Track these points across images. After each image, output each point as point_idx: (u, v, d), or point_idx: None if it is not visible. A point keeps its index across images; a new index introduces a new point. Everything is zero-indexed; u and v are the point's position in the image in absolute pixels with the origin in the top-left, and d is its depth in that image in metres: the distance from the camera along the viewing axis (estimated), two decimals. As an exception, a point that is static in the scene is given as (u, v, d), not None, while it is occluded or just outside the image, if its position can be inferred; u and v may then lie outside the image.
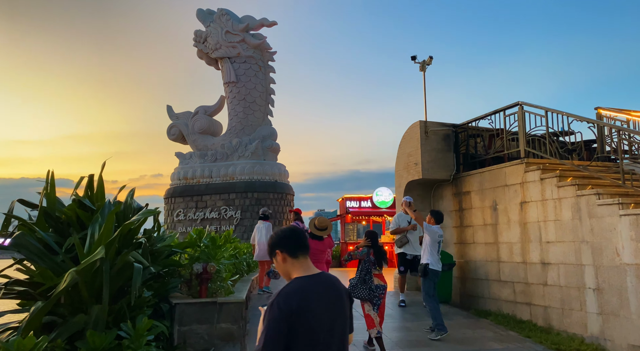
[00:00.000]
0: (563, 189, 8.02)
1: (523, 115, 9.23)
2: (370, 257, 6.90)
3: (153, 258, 6.19)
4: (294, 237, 2.45)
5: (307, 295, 2.22)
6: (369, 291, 6.71)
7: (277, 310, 2.14)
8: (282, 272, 2.44)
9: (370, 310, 6.74)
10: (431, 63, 11.72)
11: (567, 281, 7.89)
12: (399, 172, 11.60)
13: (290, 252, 2.40)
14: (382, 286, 6.87)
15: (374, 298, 6.74)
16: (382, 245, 7.26)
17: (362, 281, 6.78)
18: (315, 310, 2.20)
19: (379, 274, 6.94)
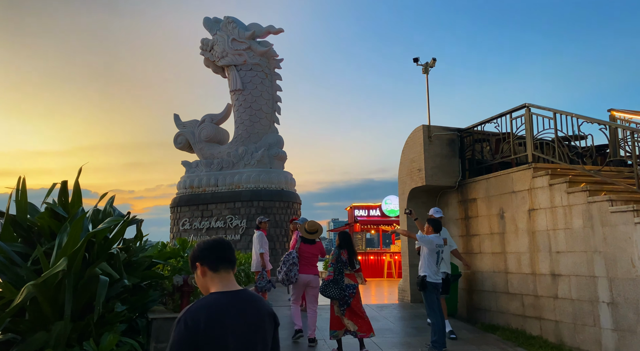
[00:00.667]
0: (573, 195, 7.52)
1: (530, 118, 8.75)
2: (342, 257, 7.06)
3: (131, 269, 5.84)
4: (217, 249, 2.13)
5: (220, 313, 1.95)
6: (339, 290, 6.88)
7: (183, 327, 1.90)
8: (201, 287, 2.14)
9: (339, 312, 6.96)
10: (435, 65, 11.29)
11: (579, 295, 7.36)
12: (402, 179, 11.15)
13: (210, 265, 2.10)
14: (352, 285, 7.02)
15: (345, 297, 6.93)
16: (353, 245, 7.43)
17: (334, 281, 6.93)
18: (226, 329, 1.93)
19: (350, 274, 7.10)
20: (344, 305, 6.94)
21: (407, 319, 9.23)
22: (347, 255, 7.10)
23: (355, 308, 6.96)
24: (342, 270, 7.02)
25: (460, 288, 9.95)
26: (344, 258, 7.07)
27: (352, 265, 7.09)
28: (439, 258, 7.26)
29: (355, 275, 7.15)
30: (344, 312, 6.94)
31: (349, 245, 7.20)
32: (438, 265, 7.28)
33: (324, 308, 9.68)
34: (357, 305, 7.00)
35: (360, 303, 7.11)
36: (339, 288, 6.88)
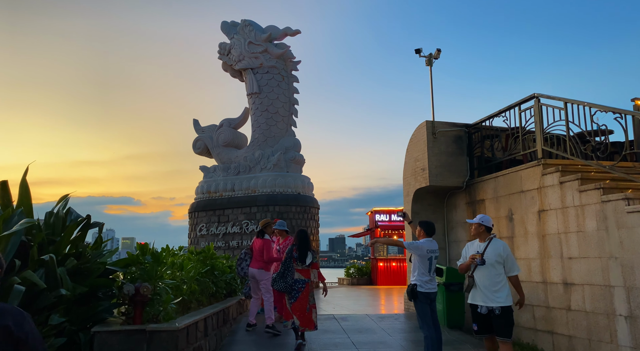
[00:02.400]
0: (586, 194, 6.66)
1: (540, 110, 7.91)
2: (294, 253, 7.35)
3: (81, 277, 5.38)
4: None
5: None
6: (285, 284, 7.21)
7: None
8: None
9: (288, 304, 7.32)
10: (439, 56, 10.51)
11: (593, 306, 6.48)
12: (406, 179, 10.42)
13: None
14: (302, 280, 7.35)
15: (292, 291, 7.25)
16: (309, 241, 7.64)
17: (281, 275, 7.25)
18: None
19: (304, 270, 7.40)
20: (292, 299, 7.26)
21: (407, 331, 8.49)
22: (298, 251, 7.37)
23: (300, 302, 7.25)
24: (290, 265, 7.32)
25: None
26: (295, 254, 7.36)
27: (303, 261, 7.37)
28: (432, 265, 6.52)
29: (310, 272, 7.51)
30: (291, 305, 7.29)
31: (303, 242, 7.45)
32: (431, 273, 6.54)
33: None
34: (303, 301, 7.28)
35: (306, 299, 7.34)
36: (285, 282, 7.22)
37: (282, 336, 7.97)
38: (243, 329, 8.43)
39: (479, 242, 5.71)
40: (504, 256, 5.51)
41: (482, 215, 5.77)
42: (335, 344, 7.57)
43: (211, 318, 6.77)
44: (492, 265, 5.48)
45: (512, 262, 5.57)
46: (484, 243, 5.62)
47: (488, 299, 5.43)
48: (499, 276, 5.49)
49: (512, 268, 5.57)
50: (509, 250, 5.58)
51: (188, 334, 5.57)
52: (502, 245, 5.59)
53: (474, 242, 5.82)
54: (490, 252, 5.51)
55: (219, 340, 7.32)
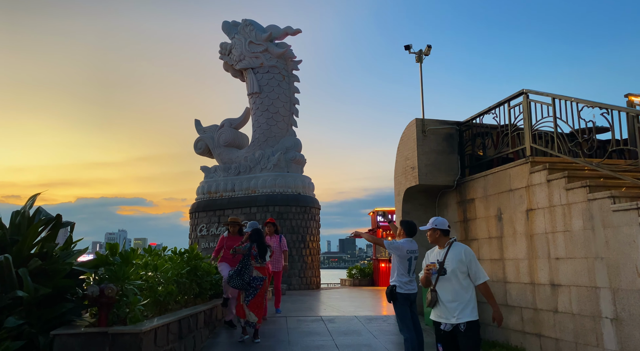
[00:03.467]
0: (572, 192, 6.43)
1: (528, 106, 7.68)
2: (253, 251, 7.47)
3: (46, 278, 5.28)
4: None
5: None
6: (242, 282, 7.31)
7: None
8: None
9: (244, 300, 7.38)
10: (429, 53, 10.29)
11: (580, 308, 6.25)
12: (397, 178, 10.23)
13: None
14: (260, 278, 7.49)
15: (249, 289, 7.38)
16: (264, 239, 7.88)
17: (237, 273, 7.35)
18: None
19: (260, 267, 7.52)
20: (250, 296, 7.39)
21: (394, 333, 8.29)
22: (258, 249, 7.49)
23: (257, 299, 7.43)
24: (248, 263, 7.43)
25: (458, 299, 8.89)
26: (255, 252, 7.47)
27: (263, 258, 7.53)
28: (411, 266, 6.33)
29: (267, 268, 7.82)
30: (248, 302, 7.38)
31: (260, 240, 7.60)
32: (411, 274, 6.35)
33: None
34: (260, 298, 7.50)
35: (263, 296, 7.64)
36: (242, 279, 7.31)
37: (265, 339, 7.82)
38: (227, 331, 8.29)
39: (439, 249, 4.88)
40: (466, 262, 4.63)
41: (435, 218, 4.94)
42: (317, 346, 7.40)
43: (187, 319, 6.63)
44: (454, 274, 4.61)
45: (477, 268, 4.67)
46: (444, 250, 4.77)
47: (451, 315, 4.56)
48: (464, 287, 4.61)
49: (477, 275, 4.65)
50: (472, 254, 4.74)
51: (156, 337, 5.43)
52: (463, 249, 4.72)
53: (434, 249, 4.97)
54: (451, 258, 4.67)
55: (198, 342, 7.18)
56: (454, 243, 4.79)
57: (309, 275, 20.99)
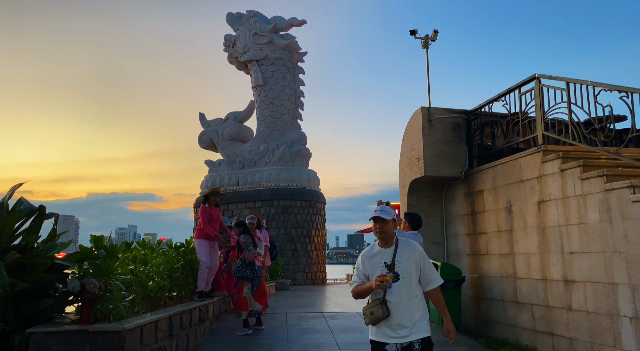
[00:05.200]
0: (588, 182, 6.02)
1: (541, 92, 7.25)
2: (256, 240, 7.70)
3: (25, 273, 4.96)
4: None
5: None
6: (252, 271, 7.37)
7: None
8: None
9: (248, 292, 7.42)
10: (436, 39, 9.88)
11: (596, 306, 5.85)
12: (402, 170, 9.83)
13: None
14: (261, 267, 7.63)
15: (256, 278, 7.44)
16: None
17: (247, 264, 7.38)
18: None
19: (258, 256, 7.68)
20: (255, 286, 7.46)
21: None
22: (252, 239, 7.63)
23: (262, 287, 7.61)
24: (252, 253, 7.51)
25: (466, 296, 8.51)
26: (251, 241, 7.59)
27: (256, 248, 7.68)
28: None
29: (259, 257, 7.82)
30: (254, 292, 7.43)
31: (249, 230, 7.76)
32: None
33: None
34: (263, 285, 7.68)
35: (265, 283, 7.87)
36: (252, 268, 7.38)
37: (258, 335, 7.50)
38: (223, 328, 7.98)
39: (380, 247, 3.52)
40: (421, 263, 3.51)
41: (382, 207, 3.54)
42: (318, 345, 7.06)
43: (179, 316, 6.30)
44: (408, 280, 3.45)
45: (432, 269, 3.57)
46: (390, 249, 3.49)
47: (402, 332, 3.42)
48: (417, 294, 3.50)
49: (431, 279, 3.54)
50: (423, 251, 3.62)
51: (142, 334, 5.11)
52: (414, 247, 3.54)
53: (373, 247, 3.59)
54: (402, 260, 3.46)
55: (192, 340, 6.86)
56: (400, 239, 3.57)
57: (314, 270, 20.68)
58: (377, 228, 3.47)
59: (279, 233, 20.20)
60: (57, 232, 5.73)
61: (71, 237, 28.48)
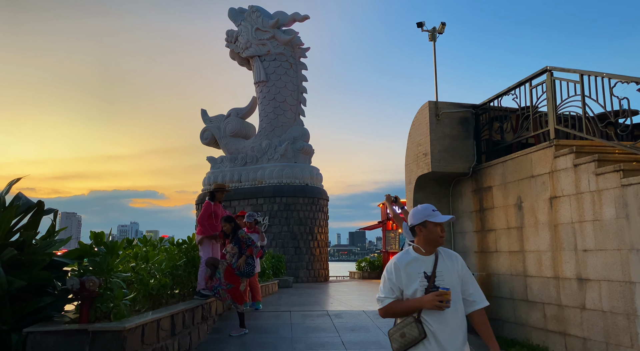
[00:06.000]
0: (603, 177, 5.82)
1: (553, 85, 7.05)
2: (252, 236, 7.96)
3: (23, 270, 4.80)
4: None
5: None
6: (251, 268, 7.48)
7: None
8: None
9: (243, 287, 7.87)
10: (444, 31, 9.69)
11: (611, 305, 5.66)
12: (408, 166, 9.65)
13: None
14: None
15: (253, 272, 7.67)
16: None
17: (251, 260, 7.43)
18: None
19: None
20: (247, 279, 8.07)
21: (405, 330, 7.76)
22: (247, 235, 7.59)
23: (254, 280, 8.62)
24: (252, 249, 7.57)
25: (474, 294, 8.33)
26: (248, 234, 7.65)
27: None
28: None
29: None
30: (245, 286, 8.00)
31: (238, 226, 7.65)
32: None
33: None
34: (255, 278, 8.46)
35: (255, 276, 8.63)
36: (253, 266, 7.53)
37: (262, 334, 7.34)
38: (226, 327, 7.81)
39: (417, 253, 2.85)
40: (463, 275, 2.89)
41: (433, 207, 2.91)
42: (323, 344, 6.89)
43: (181, 315, 6.14)
44: (454, 295, 2.78)
45: (475, 286, 2.95)
46: (430, 258, 2.83)
47: None
48: (462, 313, 2.86)
49: (475, 297, 2.92)
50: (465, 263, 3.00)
51: (144, 334, 4.95)
52: (456, 256, 2.95)
53: (407, 253, 2.89)
54: (443, 270, 2.81)
55: (195, 338, 6.70)
56: (441, 248, 2.92)
57: (317, 267, 20.52)
58: (442, 234, 2.82)
59: (282, 231, 20.05)
60: (57, 228, 5.57)
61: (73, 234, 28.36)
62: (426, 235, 2.83)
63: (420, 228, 2.84)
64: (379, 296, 2.82)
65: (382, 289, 2.82)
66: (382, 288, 2.82)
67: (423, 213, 2.85)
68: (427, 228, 2.82)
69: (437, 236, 2.81)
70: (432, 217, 2.82)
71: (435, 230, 2.81)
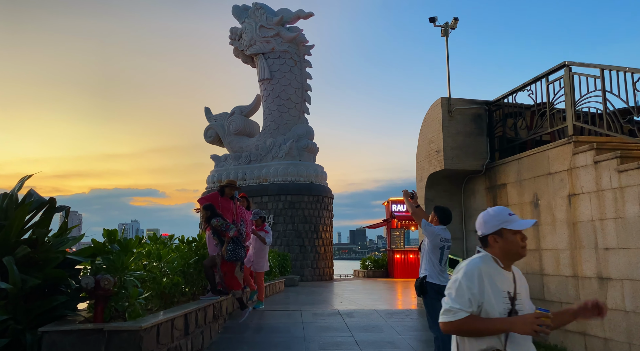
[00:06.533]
0: (626, 174, 5.70)
1: (571, 80, 6.93)
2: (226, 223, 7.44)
3: (36, 268, 4.69)
4: None
5: None
6: (244, 249, 7.62)
7: None
8: None
9: (238, 271, 7.65)
10: (456, 26, 9.55)
11: (635, 305, 5.54)
12: (419, 163, 9.53)
13: None
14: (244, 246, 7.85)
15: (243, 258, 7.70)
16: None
17: (237, 244, 7.44)
18: None
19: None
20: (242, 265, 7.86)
21: (419, 330, 7.65)
22: (224, 220, 7.50)
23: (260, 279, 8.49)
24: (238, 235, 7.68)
25: (488, 293, 8.21)
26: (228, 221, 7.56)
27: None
28: (444, 256, 5.67)
29: None
30: (242, 270, 7.82)
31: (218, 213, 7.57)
32: (443, 264, 5.69)
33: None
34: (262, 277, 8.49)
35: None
36: (243, 248, 7.65)
37: (275, 333, 7.23)
38: (237, 326, 7.70)
39: (499, 267, 2.26)
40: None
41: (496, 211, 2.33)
42: (337, 343, 6.78)
43: (194, 314, 6.03)
44: None
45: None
46: (509, 273, 2.29)
47: None
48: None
49: None
50: None
51: (159, 333, 4.83)
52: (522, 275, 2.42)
53: (488, 262, 2.27)
54: (522, 291, 2.30)
55: (207, 338, 6.59)
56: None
57: (322, 266, 20.41)
58: (523, 244, 2.29)
59: (287, 229, 19.94)
60: (70, 226, 5.46)
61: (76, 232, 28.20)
62: (503, 246, 2.27)
63: (495, 238, 2.28)
64: (451, 306, 2.19)
65: (456, 298, 2.19)
66: (456, 297, 2.20)
67: (497, 219, 2.30)
68: (505, 238, 2.27)
69: (517, 247, 2.28)
70: (509, 223, 2.28)
71: (514, 240, 2.27)
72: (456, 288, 2.21)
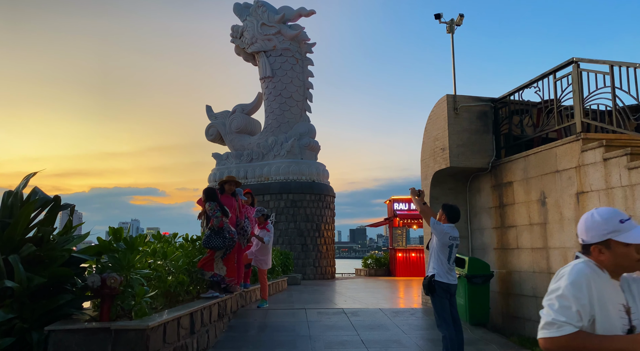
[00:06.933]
0: (637, 172, 5.64)
1: (579, 76, 6.87)
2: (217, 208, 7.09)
3: (42, 266, 4.64)
4: None
5: None
6: (222, 240, 7.00)
7: None
8: None
9: (219, 256, 7.18)
10: (462, 23, 9.49)
11: (645, 304, 5.48)
12: (424, 161, 9.47)
13: None
14: (233, 238, 7.25)
15: (229, 247, 7.22)
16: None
17: (215, 232, 7.00)
18: None
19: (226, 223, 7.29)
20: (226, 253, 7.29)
21: (425, 328, 7.60)
22: (220, 206, 7.19)
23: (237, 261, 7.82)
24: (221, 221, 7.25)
25: (493, 291, 8.16)
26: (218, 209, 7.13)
27: (227, 215, 7.30)
28: (452, 255, 5.62)
29: None
30: (223, 256, 7.26)
31: (216, 198, 7.28)
32: (451, 263, 5.64)
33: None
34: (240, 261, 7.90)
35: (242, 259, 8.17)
36: (222, 237, 7.03)
37: (279, 332, 7.18)
38: (242, 324, 7.66)
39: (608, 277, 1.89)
40: None
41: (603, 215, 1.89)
42: (343, 342, 6.74)
43: (200, 312, 5.97)
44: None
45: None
46: (618, 283, 1.91)
47: None
48: None
49: None
50: None
51: (165, 332, 4.78)
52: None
53: (595, 270, 1.88)
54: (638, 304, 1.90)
55: (212, 337, 6.54)
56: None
57: (324, 264, 20.36)
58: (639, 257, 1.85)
59: (289, 227, 19.88)
60: (73, 224, 5.41)
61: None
62: (611, 259, 1.87)
63: (601, 249, 1.88)
64: (555, 319, 1.79)
65: (560, 310, 1.80)
66: (560, 309, 1.80)
67: (604, 227, 1.87)
68: (613, 251, 1.86)
69: (631, 262, 1.86)
70: (619, 233, 1.84)
71: (627, 254, 1.84)
72: (560, 299, 1.82)
